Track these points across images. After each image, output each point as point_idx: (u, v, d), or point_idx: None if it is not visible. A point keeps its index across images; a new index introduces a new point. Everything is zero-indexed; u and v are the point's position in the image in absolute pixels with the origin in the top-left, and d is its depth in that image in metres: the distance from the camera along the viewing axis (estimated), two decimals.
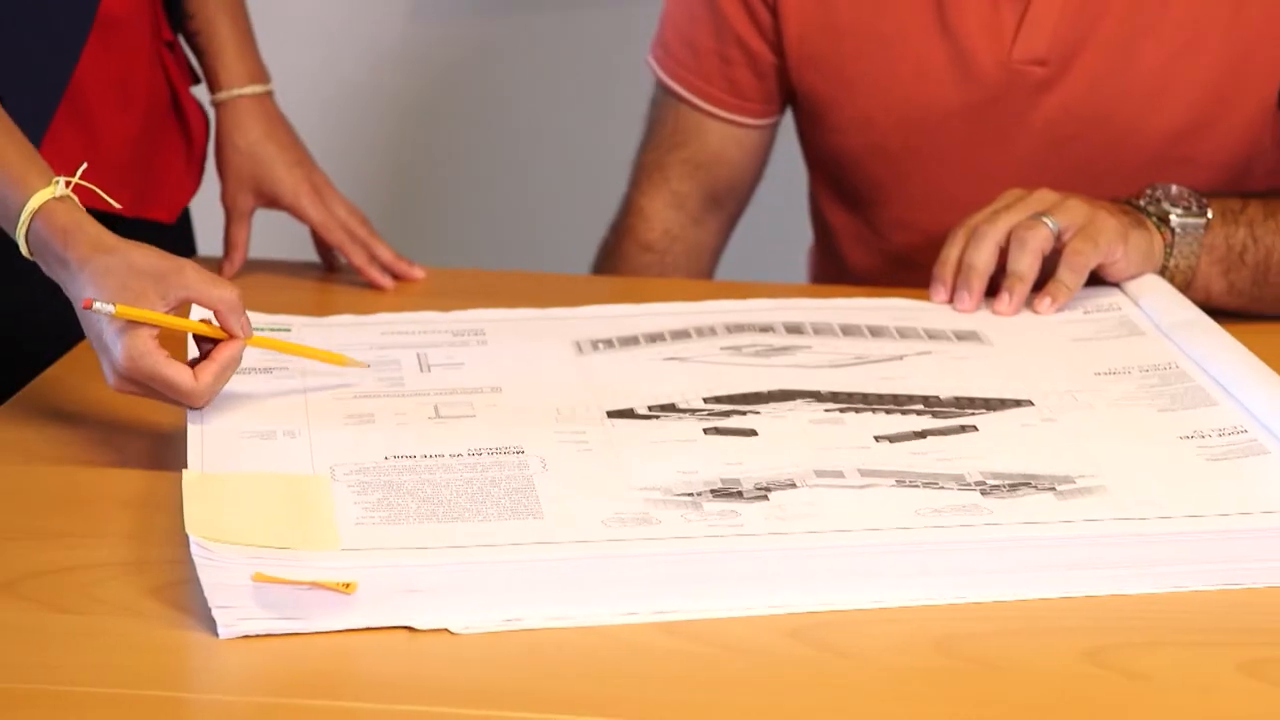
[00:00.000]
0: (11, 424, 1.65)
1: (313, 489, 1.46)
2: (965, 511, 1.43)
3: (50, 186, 1.61)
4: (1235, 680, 1.28)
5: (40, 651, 1.31)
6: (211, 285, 1.55)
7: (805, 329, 1.78)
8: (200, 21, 1.99)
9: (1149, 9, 1.93)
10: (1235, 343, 1.68)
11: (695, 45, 2.09)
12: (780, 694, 1.26)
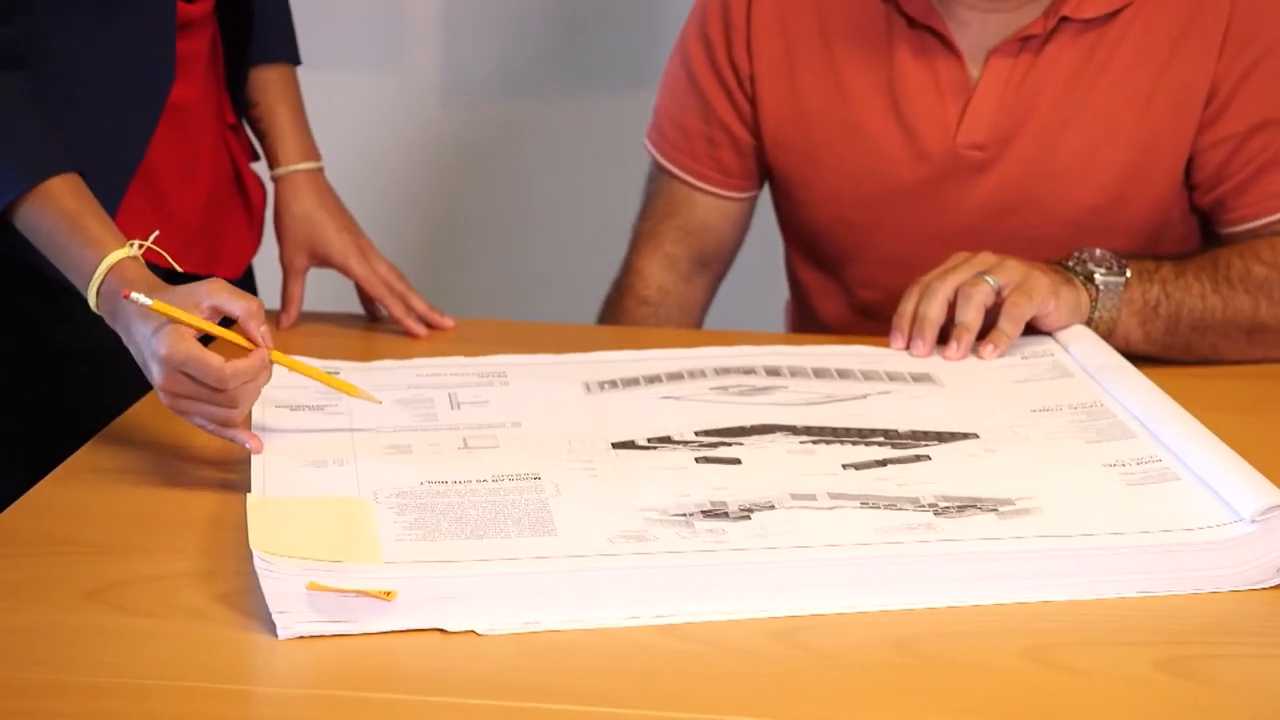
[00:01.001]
0: (99, 455, 1.65)
1: (358, 510, 1.46)
2: (921, 530, 1.43)
3: (125, 248, 1.62)
4: (1153, 675, 1.28)
5: (124, 650, 1.31)
6: (235, 295, 1.54)
7: (783, 372, 1.78)
8: (262, 109, 2.00)
9: (1071, 104, 1.94)
10: (1151, 384, 1.68)
11: (685, 129, 2.09)
12: (762, 687, 1.26)
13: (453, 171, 2.95)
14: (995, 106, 1.94)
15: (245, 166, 2.00)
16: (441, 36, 2.91)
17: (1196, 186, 1.96)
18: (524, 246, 2.94)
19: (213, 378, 1.51)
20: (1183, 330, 1.86)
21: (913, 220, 1.98)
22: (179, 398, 1.55)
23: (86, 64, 1.78)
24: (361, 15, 2.88)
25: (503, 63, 2.91)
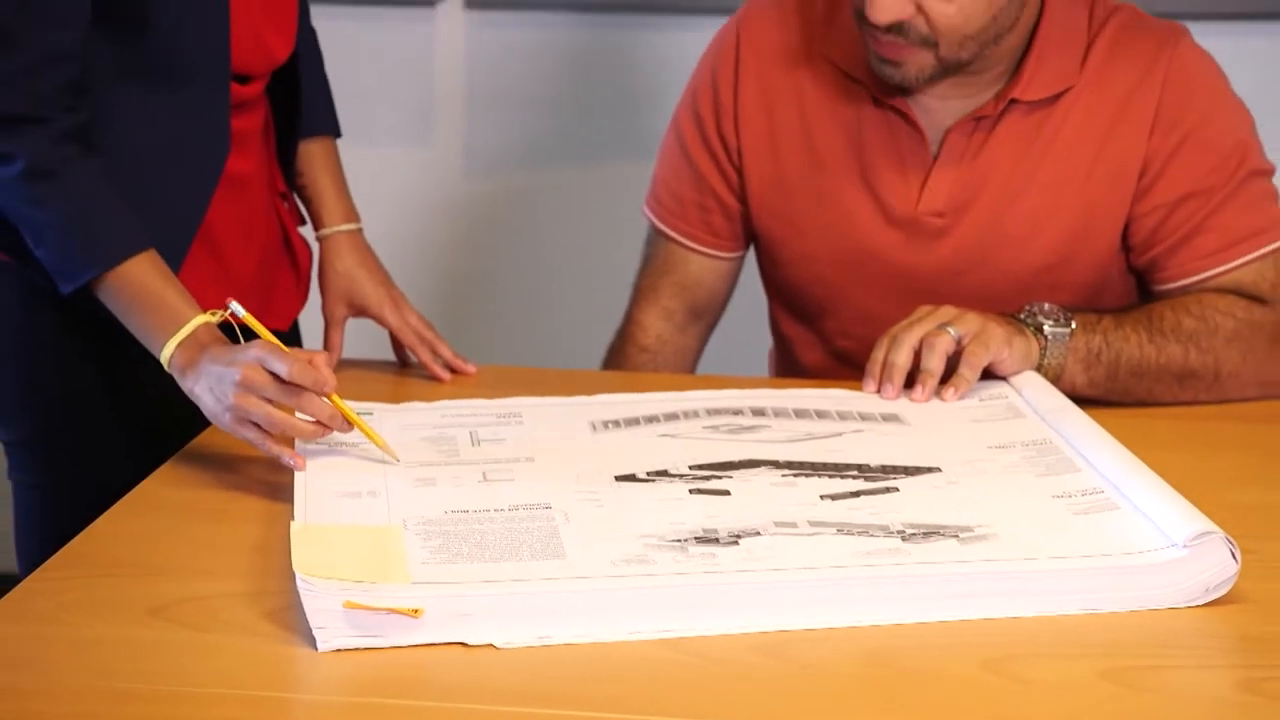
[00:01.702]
0: (160, 486, 1.65)
1: (389, 536, 1.46)
2: (890, 553, 1.43)
3: (206, 315, 1.66)
4: (1097, 683, 1.28)
5: (182, 661, 1.31)
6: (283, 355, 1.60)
7: (767, 412, 1.77)
8: (308, 178, 2.00)
9: (1020, 177, 1.94)
10: (1094, 423, 1.68)
11: (680, 197, 2.09)
12: (749, 695, 1.26)
13: (475, 234, 2.95)
14: (952, 179, 1.95)
15: (294, 230, 2.00)
16: (465, 116, 2.92)
17: (1132, 249, 1.97)
18: (537, 300, 2.95)
19: (287, 364, 1.56)
20: (1122, 376, 1.86)
21: (882, 279, 1.98)
22: (250, 393, 1.57)
23: (148, 140, 1.79)
24: (395, 95, 2.89)
25: (518, 139, 2.92)
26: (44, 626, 1.37)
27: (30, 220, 1.70)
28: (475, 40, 2.89)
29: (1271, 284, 1.92)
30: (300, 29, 1.95)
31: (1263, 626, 1.37)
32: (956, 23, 1.82)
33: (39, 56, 1.67)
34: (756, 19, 2.04)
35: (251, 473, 1.65)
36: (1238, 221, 1.92)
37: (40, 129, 1.68)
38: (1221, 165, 1.92)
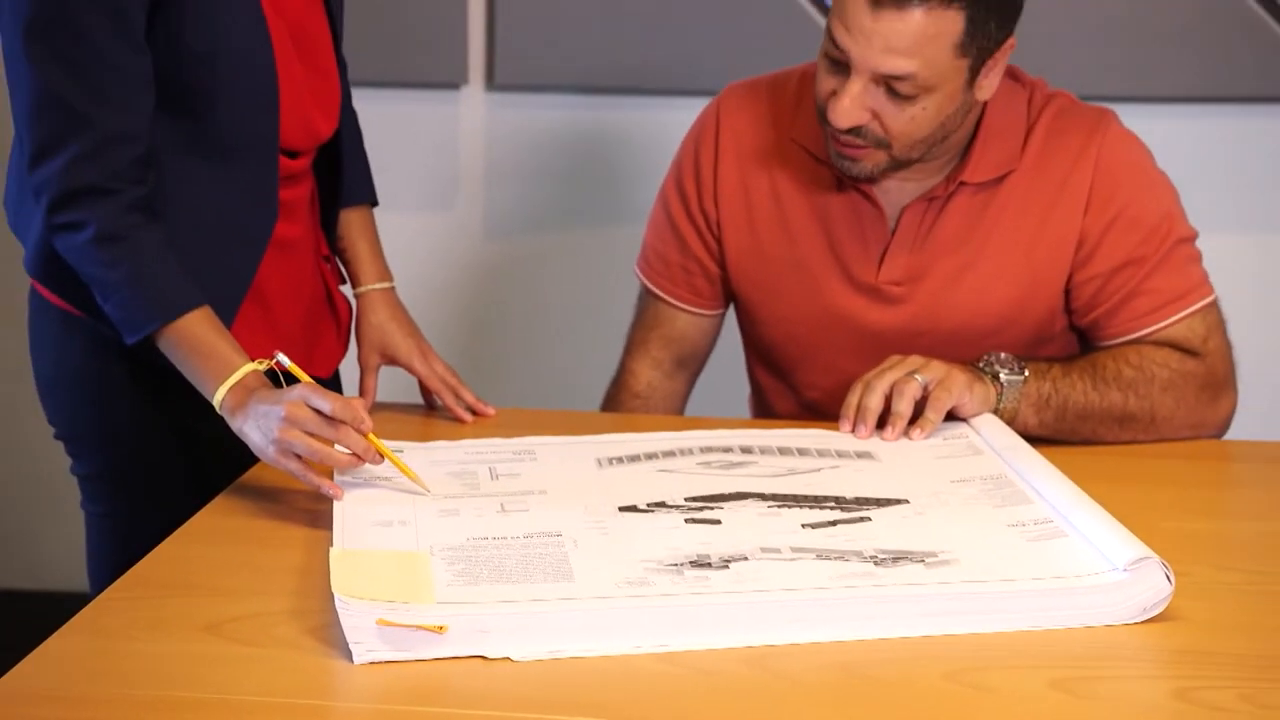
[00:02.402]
0: (214, 517, 1.65)
1: (417, 561, 1.46)
2: (864, 576, 1.43)
3: (254, 363, 1.67)
4: (1047, 692, 1.28)
5: (234, 672, 1.31)
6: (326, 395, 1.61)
7: (754, 450, 1.77)
8: (347, 242, 2.00)
9: (969, 251, 1.94)
10: (1044, 460, 1.68)
11: (667, 261, 2.09)
12: (737, 703, 1.26)
13: (493, 290, 2.96)
14: (908, 252, 1.95)
15: (335, 288, 2.00)
16: (484, 186, 2.92)
17: (1074, 312, 1.97)
18: (548, 351, 2.95)
19: (329, 402, 1.58)
20: (1069, 418, 1.86)
21: (846, 338, 1.98)
22: (293, 427, 1.58)
23: (206, 209, 1.79)
24: (424, 168, 2.90)
25: (531, 206, 2.93)
26: (111, 641, 1.37)
27: (100, 280, 1.71)
28: (494, 119, 2.90)
29: (1201, 338, 1.92)
30: (342, 109, 1.95)
31: (1194, 641, 1.37)
32: (908, 129, 1.82)
33: (110, 136, 1.68)
34: (734, 103, 2.05)
35: (295, 504, 1.65)
36: (1167, 285, 1.92)
37: (110, 199, 1.68)
38: (1150, 236, 1.92)
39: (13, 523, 3.11)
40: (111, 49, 1.67)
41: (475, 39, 2.85)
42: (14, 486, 3.07)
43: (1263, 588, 1.49)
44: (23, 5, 1.65)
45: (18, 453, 2.99)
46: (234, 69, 1.75)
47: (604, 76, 2.83)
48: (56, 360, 1.86)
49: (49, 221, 1.70)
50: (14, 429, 2.89)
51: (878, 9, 1.75)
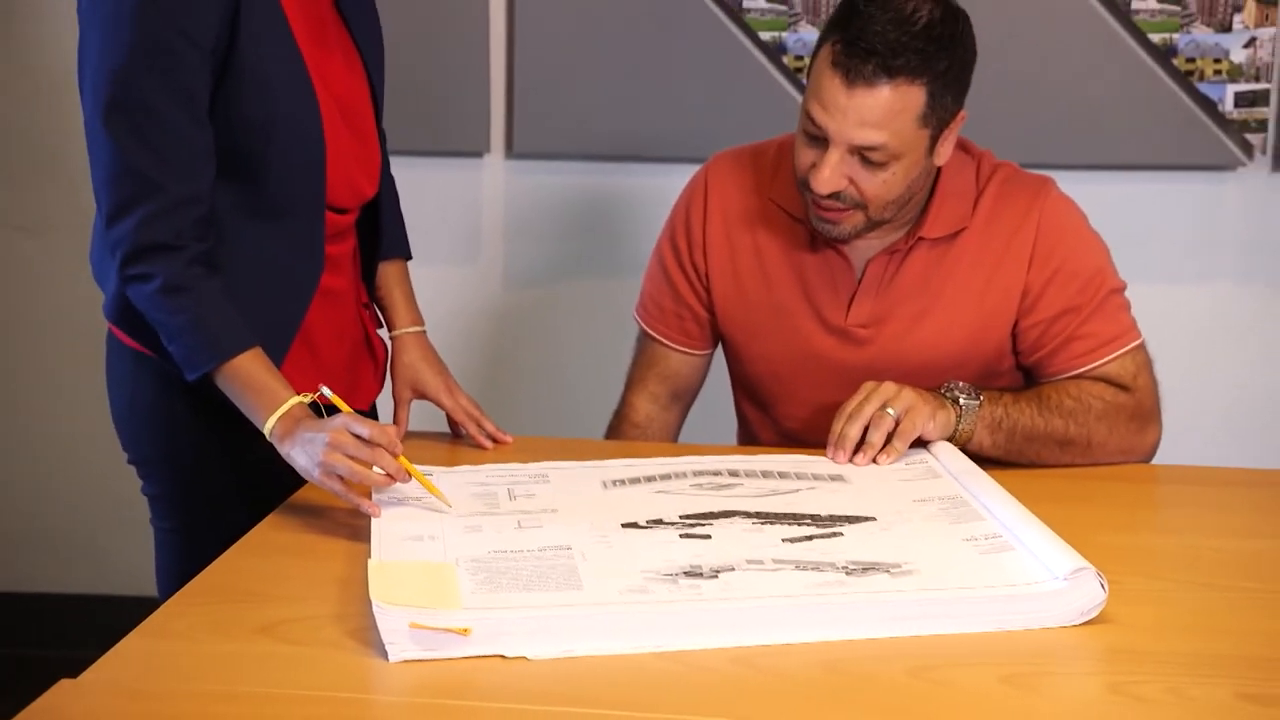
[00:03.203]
0: (267, 532, 1.65)
1: (445, 572, 1.45)
2: (838, 585, 1.43)
3: (300, 396, 1.68)
4: (997, 686, 1.28)
5: (283, 669, 1.31)
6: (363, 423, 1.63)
7: (740, 473, 1.77)
8: (384, 291, 2.00)
9: (926, 299, 1.94)
10: (994, 482, 1.68)
11: (662, 307, 2.08)
12: (726, 696, 1.27)
13: (511, 333, 2.96)
14: (873, 299, 1.95)
15: (373, 332, 2.00)
16: (504, 241, 2.93)
17: (1020, 353, 1.96)
18: (558, 386, 2.95)
19: (367, 429, 1.59)
20: (1018, 440, 1.86)
21: (820, 375, 1.97)
22: (336, 451, 1.59)
23: (260, 261, 1.79)
24: (451, 225, 2.90)
25: (544, 259, 2.93)
26: (176, 642, 1.37)
27: (165, 325, 1.71)
28: (513, 183, 2.90)
29: (1131, 375, 1.92)
30: (382, 173, 1.96)
31: (1125, 641, 1.37)
32: (881, 192, 1.82)
33: (177, 200, 1.68)
34: (720, 169, 2.05)
35: (337, 521, 1.65)
36: (1101, 330, 1.92)
37: (176, 255, 1.69)
38: (1086, 288, 1.92)
39: (90, 536, 3.10)
40: (179, 124, 1.68)
41: (496, 114, 2.86)
42: (92, 504, 3.07)
43: (1185, 594, 1.49)
44: (103, 87, 1.66)
45: (96, 475, 2.99)
46: (286, 138, 1.76)
47: (608, 146, 2.84)
48: (129, 394, 1.87)
49: (122, 273, 1.70)
50: (93, 454, 2.89)
51: (851, 88, 1.76)
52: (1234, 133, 2.68)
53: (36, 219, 2.97)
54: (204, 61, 1.67)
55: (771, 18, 2.74)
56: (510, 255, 2.94)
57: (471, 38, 2.80)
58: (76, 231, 2.85)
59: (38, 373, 3.05)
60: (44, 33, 2.88)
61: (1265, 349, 2.79)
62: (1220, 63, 2.65)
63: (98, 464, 2.85)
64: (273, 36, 1.73)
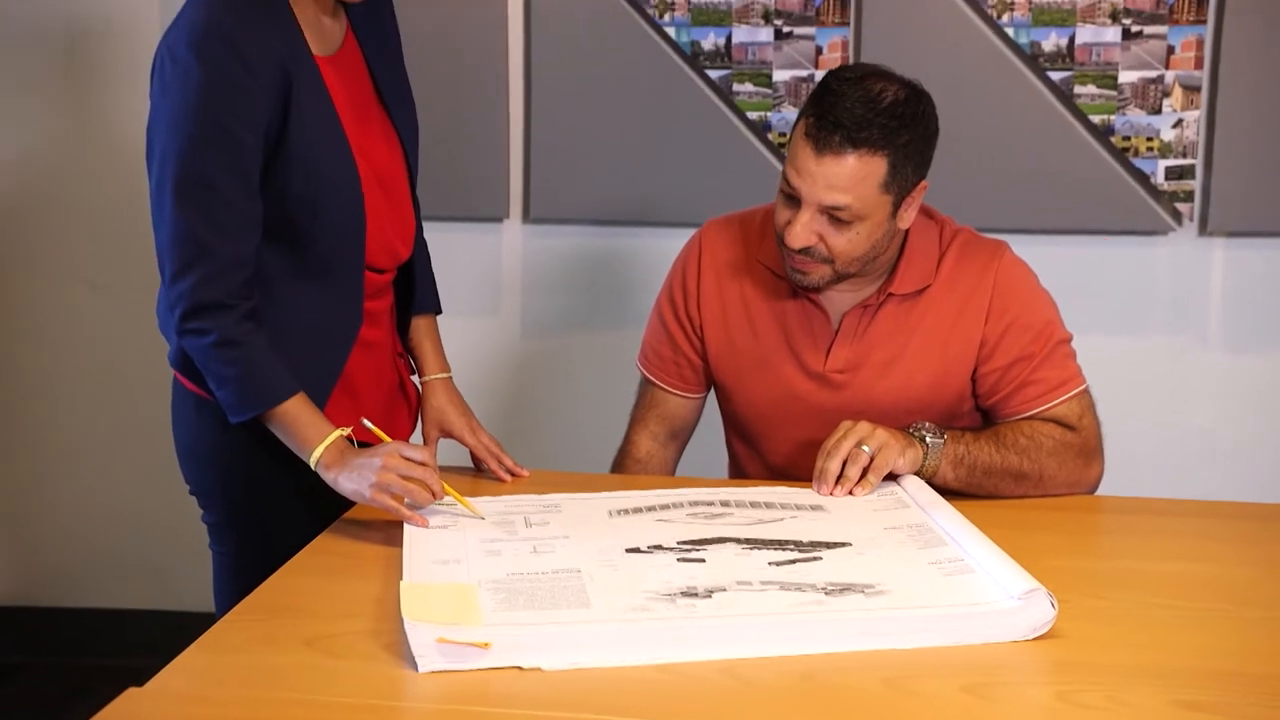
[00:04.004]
0: (311, 556, 1.64)
1: (468, 592, 1.45)
2: (818, 604, 1.43)
3: (341, 430, 1.70)
4: (959, 695, 1.28)
5: (325, 678, 1.31)
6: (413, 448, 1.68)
7: (731, 504, 1.76)
8: (415, 342, 2.00)
9: (895, 348, 1.94)
10: (956, 512, 1.67)
11: (661, 356, 2.08)
12: (719, 702, 1.26)
13: (527, 378, 2.96)
14: (848, 348, 1.95)
15: (407, 378, 2.00)
16: (521, 297, 2.93)
17: (979, 397, 1.96)
18: (569, 425, 2.95)
19: (418, 452, 1.65)
20: (977, 475, 1.85)
21: (802, 415, 1.97)
22: (388, 472, 1.63)
23: (304, 316, 1.79)
24: (475, 282, 2.91)
25: (557, 312, 2.93)
26: (231, 654, 1.37)
27: (216, 374, 1.71)
28: (529, 244, 2.91)
29: (1077, 416, 1.92)
30: (416, 237, 1.96)
31: (1071, 655, 1.37)
32: (846, 249, 1.83)
33: (228, 263, 1.69)
34: (712, 233, 2.06)
35: (372, 546, 1.64)
36: (1051, 376, 1.92)
37: (229, 313, 1.69)
38: (1037, 339, 1.92)
39: (155, 558, 3.10)
40: (233, 198, 1.68)
41: (515, 184, 2.87)
42: (158, 529, 3.07)
43: (1125, 612, 1.48)
44: (169, 165, 1.67)
45: (161, 504, 2.99)
46: (330, 208, 1.76)
47: (613, 212, 2.84)
48: (192, 433, 1.87)
49: (181, 328, 1.71)
50: (159, 486, 2.89)
51: (821, 156, 1.77)
52: (1165, 202, 2.70)
53: (110, 276, 2.98)
54: (258, 144, 1.68)
55: (758, 100, 2.75)
56: (527, 309, 2.94)
57: (492, 118, 2.82)
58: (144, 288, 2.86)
59: (110, 413, 3.05)
60: (121, 113, 2.90)
61: (1192, 394, 2.79)
62: (1152, 141, 2.67)
63: (163, 494, 2.86)
64: (319, 118, 1.74)
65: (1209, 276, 2.75)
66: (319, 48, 1.77)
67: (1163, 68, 2.64)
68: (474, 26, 2.78)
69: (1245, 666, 1.35)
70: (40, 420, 3.07)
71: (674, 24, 2.74)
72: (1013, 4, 2.65)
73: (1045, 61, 2.67)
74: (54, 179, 2.95)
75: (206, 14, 1.66)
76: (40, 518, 3.12)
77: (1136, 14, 2.63)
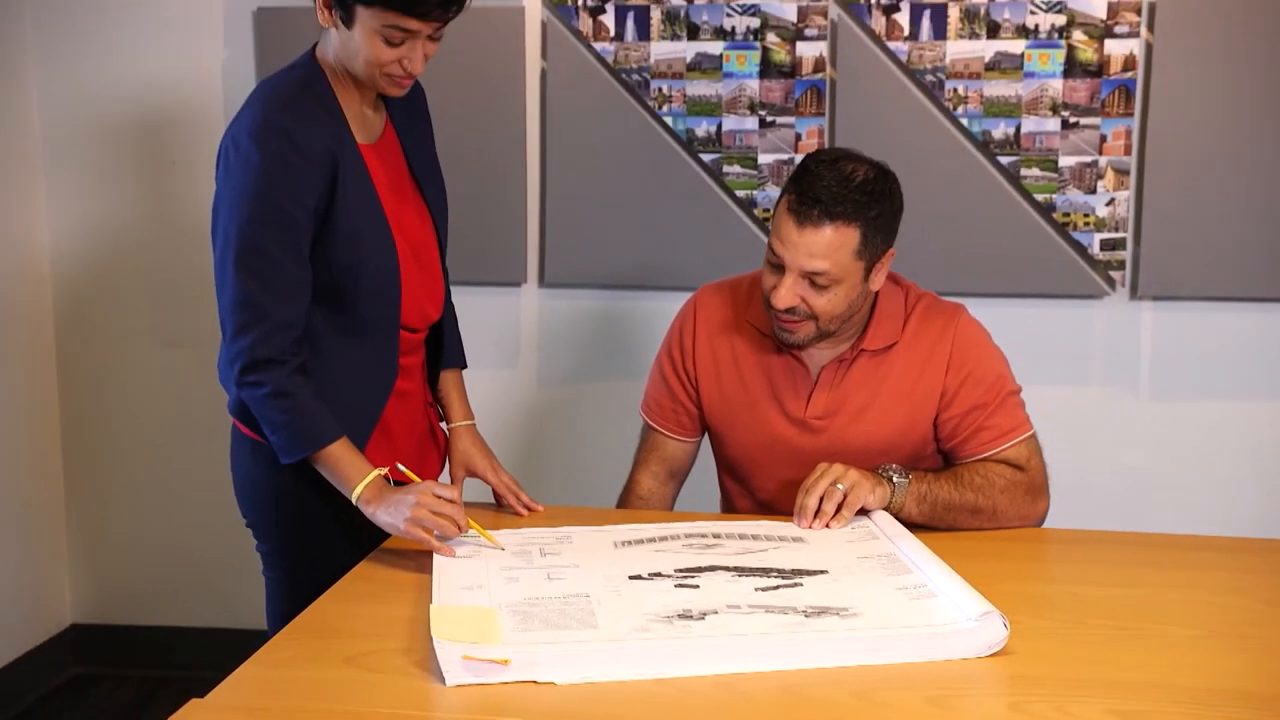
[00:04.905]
0: (351, 583, 1.64)
1: (490, 614, 1.45)
2: (799, 625, 1.42)
3: (378, 470, 1.69)
4: (923, 706, 1.27)
5: (364, 691, 1.30)
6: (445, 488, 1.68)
7: (722, 535, 1.76)
8: (443, 393, 2.00)
9: (867, 397, 1.93)
10: (920, 543, 1.67)
11: (661, 405, 2.07)
12: (711, 713, 1.26)
13: (544, 425, 2.95)
14: (825, 397, 1.95)
15: (436, 425, 2.00)
16: (537, 352, 2.93)
17: (939, 440, 1.96)
18: (579, 465, 2.93)
19: (447, 490, 1.65)
20: (939, 510, 1.84)
21: (786, 456, 1.96)
22: (420, 508, 1.62)
23: (348, 370, 1.79)
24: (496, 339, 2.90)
25: (569, 366, 2.93)
26: (281, 669, 1.36)
27: (270, 420, 1.71)
28: (545, 306, 2.91)
29: (1025, 458, 1.91)
30: (445, 300, 1.97)
31: (1022, 669, 1.36)
32: (827, 308, 1.83)
33: (281, 324, 1.69)
34: (706, 297, 2.06)
35: (405, 570, 1.64)
36: (1003, 422, 1.92)
37: (281, 367, 1.69)
38: (990, 390, 1.92)
39: (216, 582, 3.09)
40: (287, 267, 1.69)
41: (532, 253, 2.87)
42: (218, 558, 3.06)
43: (1068, 631, 1.48)
44: (231, 239, 1.68)
45: (221, 535, 2.98)
46: (370, 276, 1.77)
47: (618, 277, 2.85)
48: (248, 473, 1.86)
49: (239, 380, 1.71)
50: (219, 519, 2.89)
51: (801, 228, 1.78)
52: (1100, 270, 2.70)
53: (179, 335, 2.99)
54: (309, 220, 1.69)
55: (745, 180, 2.77)
56: (542, 363, 2.94)
57: (513, 195, 2.83)
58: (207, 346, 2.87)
59: (177, 456, 3.05)
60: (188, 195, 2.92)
61: (1126, 438, 2.79)
62: (1088, 217, 2.68)
63: (221, 525, 2.85)
64: (361, 198, 1.75)
65: (1139, 335, 2.75)
66: (362, 136, 1.78)
67: (1097, 154, 2.65)
68: (497, 115, 2.80)
69: (1172, 678, 1.35)
70: (118, 462, 3.08)
71: (671, 114, 2.76)
72: (966, 98, 2.67)
73: (995, 148, 2.68)
74: (131, 252, 2.97)
75: (265, 109, 1.67)
76: (118, 548, 3.12)
77: (1074, 107, 2.65)
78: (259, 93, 1.72)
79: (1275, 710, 1.27)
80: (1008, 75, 2.64)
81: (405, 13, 1.65)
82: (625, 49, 2.75)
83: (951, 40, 2.65)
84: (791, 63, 2.69)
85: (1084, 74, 2.63)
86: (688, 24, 2.71)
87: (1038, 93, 2.65)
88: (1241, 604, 1.56)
